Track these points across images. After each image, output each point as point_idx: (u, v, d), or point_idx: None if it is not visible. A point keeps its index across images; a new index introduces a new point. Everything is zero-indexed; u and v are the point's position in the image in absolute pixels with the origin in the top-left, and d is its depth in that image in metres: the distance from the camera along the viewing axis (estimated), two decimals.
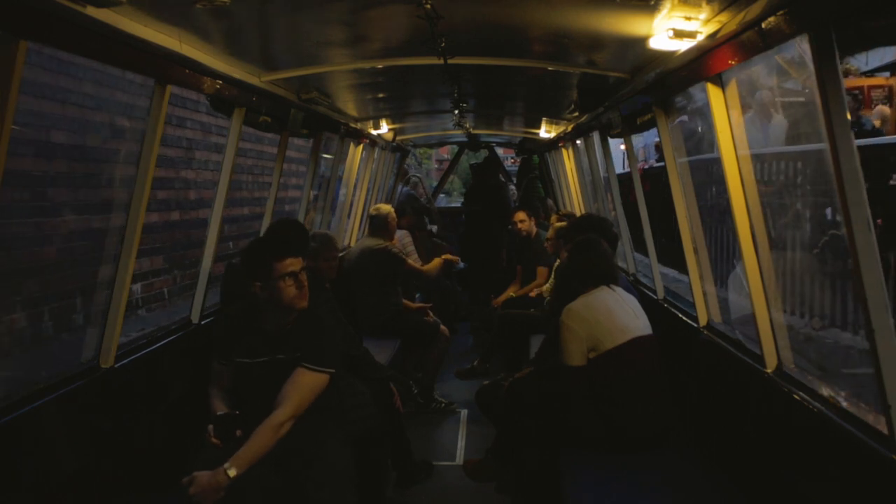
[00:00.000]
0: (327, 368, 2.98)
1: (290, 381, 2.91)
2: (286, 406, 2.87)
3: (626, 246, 5.94)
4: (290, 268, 2.98)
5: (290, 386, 2.91)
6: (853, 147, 2.12)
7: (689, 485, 3.17)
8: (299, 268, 3.01)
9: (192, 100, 7.94)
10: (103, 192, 6.25)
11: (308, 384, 2.93)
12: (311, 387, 2.93)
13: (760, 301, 3.07)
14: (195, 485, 2.65)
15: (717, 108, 3.15)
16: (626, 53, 3.58)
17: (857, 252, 2.14)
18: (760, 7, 2.28)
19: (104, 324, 3.17)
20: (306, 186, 6.12)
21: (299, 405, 2.89)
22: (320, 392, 2.97)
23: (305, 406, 2.91)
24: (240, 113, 4.01)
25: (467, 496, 4.33)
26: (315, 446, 2.97)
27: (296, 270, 3.00)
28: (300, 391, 2.91)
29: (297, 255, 3.03)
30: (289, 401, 2.88)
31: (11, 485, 2.50)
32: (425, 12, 2.79)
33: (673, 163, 4.22)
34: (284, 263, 2.98)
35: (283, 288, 2.97)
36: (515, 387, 3.87)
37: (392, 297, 5.88)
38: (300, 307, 3.03)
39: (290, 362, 2.95)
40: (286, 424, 2.85)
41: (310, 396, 2.93)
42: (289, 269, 2.98)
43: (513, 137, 9.97)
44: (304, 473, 2.89)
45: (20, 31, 2.14)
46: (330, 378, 2.99)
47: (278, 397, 2.89)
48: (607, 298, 3.58)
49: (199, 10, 2.51)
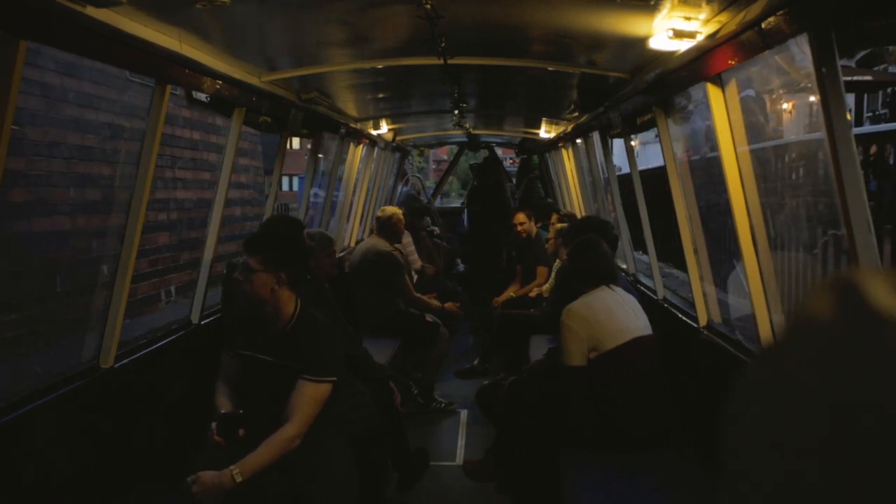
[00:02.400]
0: (329, 378, 2.97)
1: (295, 395, 2.91)
2: (295, 421, 2.87)
3: (626, 246, 5.94)
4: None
5: (295, 400, 2.91)
6: (853, 147, 2.13)
7: (689, 485, 3.17)
8: (251, 265, 2.97)
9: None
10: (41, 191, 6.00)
11: (312, 396, 2.93)
12: (315, 398, 2.94)
13: (760, 301, 3.07)
14: (199, 483, 2.65)
15: (717, 108, 3.15)
16: (626, 53, 3.58)
17: (857, 252, 2.14)
18: (760, 7, 2.29)
19: (104, 324, 3.17)
20: (306, 187, 6.13)
21: (308, 418, 2.91)
22: (325, 401, 2.97)
23: (313, 416, 2.93)
24: (240, 113, 4.02)
25: (467, 496, 4.33)
26: (317, 450, 2.97)
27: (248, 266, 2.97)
28: (306, 404, 2.91)
29: (252, 254, 2.99)
30: (297, 416, 2.88)
31: (11, 485, 2.50)
32: (425, 12, 2.79)
33: (673, 163, 4.22)
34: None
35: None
36: (515, 387, 3.87)
37: (393, 297, 5.88)
38: (248, 300, 2.99)
39: (291, 370, 2.95)
40: (296, 440, 2.87)
41: (316, 407, 2.94)
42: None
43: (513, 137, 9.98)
44: (306, 477, 2.89)
45: (20, 31, 2.14)
46: (332, 386, 3.00)
47: (287, 411, 2.89)
48: (607, 298, 3.58)
49: (199, 10, 2.51)
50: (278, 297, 2.98)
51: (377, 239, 6.02)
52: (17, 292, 5.70)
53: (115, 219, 6.81)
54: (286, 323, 3.02)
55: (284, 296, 3.00)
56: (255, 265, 2.95)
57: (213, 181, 8.92)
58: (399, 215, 6.18)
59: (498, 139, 10.78)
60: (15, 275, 5.74)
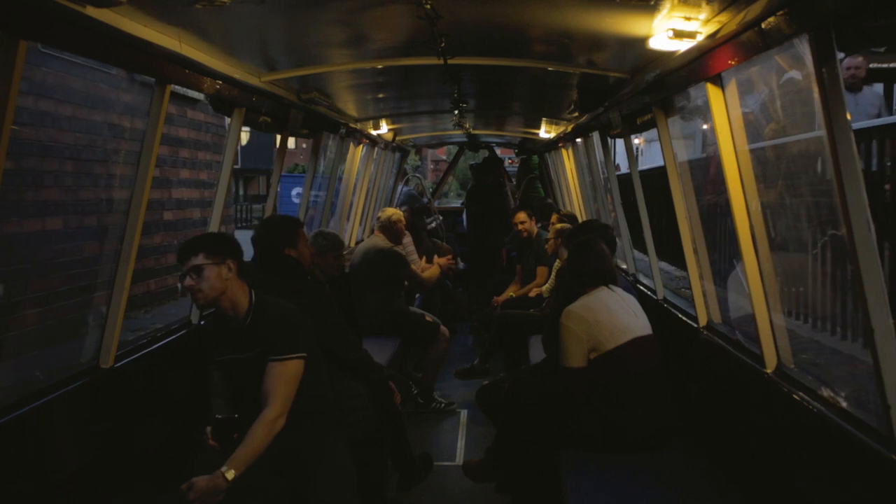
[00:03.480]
0: (296, 354, 2.95)
1: (267, 379, 2.91)
2: (273, 402, 2.87)
3: (627, 246, 5.94)
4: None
5: (268, 383, 2.91)
6: (853, 147, 2.12)
7: (689, 485, 3.17)
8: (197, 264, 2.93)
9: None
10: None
11: (284, 375, 2.92)
12: (287, 377, 2.92)
13: (760, 301, 3.07)
14: (194, 490, 2.64)
15: (717, 108, 3.14)
16: (626, 53, 3.58)
17: (856, 252, 2.14)
18: (760, 7, 2.28)
19: (104, 324, 3.17)
20: (306, 186, 6.13)
21: (286, 398, 2.89)
22: (300, 377, 2.95)
23: (291, 395, 2.91)
24: (240, 113, 4.02)
25: (467, 496, 4.33)
26: (316, 451, 2.97)
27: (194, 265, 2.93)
28: (279, 384, 2.90)
29: (193, 254, 2.95)
30: (273, 396, 2.88)
31: (12, 484, 2.50)
32: (425, 12, 2.79)
33: (673, 163, 4.22)
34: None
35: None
36: (515, 387, 3.87)
37: (394, 297, 5.88)
38: (208, 301, 2.96)
39: (259, 358, 2.94)
40: (279, 420, 2.85)
41: (291, 385, 2.92)
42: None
43: (513, 137, 9.97)
44: (306, 478, 2.89)
45: (20, 31, 2.14)
46: (305, 361, 2.97)
47: (263, 397, 2.89)
48: (607, 299, 3.58)
49: (198, 10, 2.51)
50: (232, 287, 2.95)
51: (378, 238, 6.02)
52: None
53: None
54: (245, 315, 3.00)
55: (237, 286, 2.98)
56: (200, 261, 2.92)
57: (163, 178, 7.81)
58: (400, 216, 6.18)
59: (498, 139, 10.77)
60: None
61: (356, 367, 3.89)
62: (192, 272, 2.91)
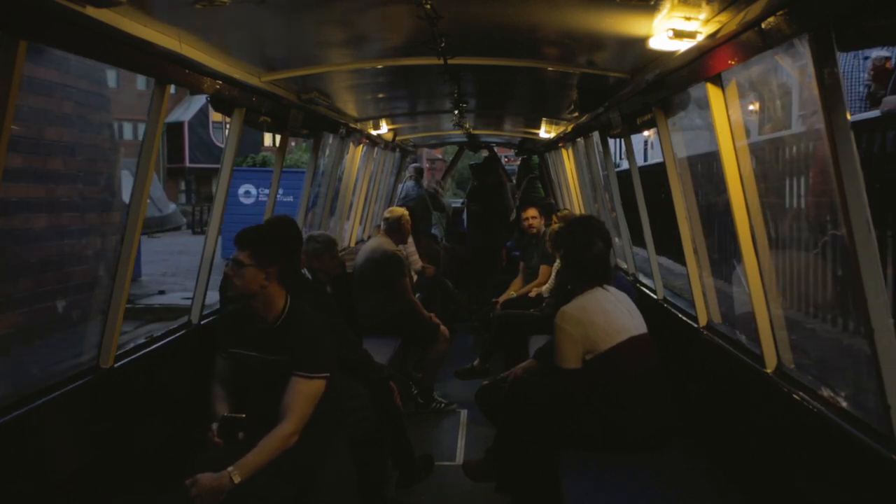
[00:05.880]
0: (322, 374, 2.97)
1: (289, 392, 2.91)
2: (291, 418, 2.87)
3: (626, 246, 5.94)
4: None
5: (290, 398, 2.91)
6: (853, 147, 2.12)
7: (689, 485, 3.17)
8: (241, 260, 2.98)
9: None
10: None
11: (306, 393, 2.93)
12: (309, 395, 2.94)
13: (760, 300, 3.07)
14: (198, 486, 2.64)
15: (717, 108, 3.15)
16: (626, 53, 3.58)
17: (856, 252, 2.14)
18: (760, 7, 2.29)
19: (104, 324, 3.17)
20: (306, 186, 6.12)
21: (303, 415, 2.91)
22: (320, 397, 2.97)
23: (309, 414, 2.93)
24: (240, 113, 4.01)
25: (467, 496, 4.33)
26: (317, 452, 2.97)
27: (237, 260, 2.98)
28: (300, 401, 2.91)
29: (243, 249, 3.01)
30: (292, 413, 2.88)
31: (11, 484, 2.50)
32: (425, 12, 2.79)
33: (673, 162, 4.22)
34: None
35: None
36: (515, 387, 3.87)
37: (394, 297, 5.87)
38: (238, 294, 3.00)
39: (283, 364, 2.95)
40: (293, 437, 2.87)
41: (311, 404, 2.94)
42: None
43: (513, 137, 9.97)
44: (307, 479, 2.89)
45: (20, 31, 2.14)
46: (327, 382, 2.99)
47: (282, 409, 2.89)
48: (601, 299, 3.57)
49: (198, 10, 2.51)
50: (268, 291, 2.98)
51: (383, 238, 6.01)
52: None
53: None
54: (276, 318, 3.02)
55: (274, 291, 3.00)
56: (245, 260, 2.96)
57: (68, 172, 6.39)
58: (407, 216, 6.17)
59: (498, 139, 10.77)
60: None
61: (356, 367, 3.89)
62: (234, 263, 2.98)
